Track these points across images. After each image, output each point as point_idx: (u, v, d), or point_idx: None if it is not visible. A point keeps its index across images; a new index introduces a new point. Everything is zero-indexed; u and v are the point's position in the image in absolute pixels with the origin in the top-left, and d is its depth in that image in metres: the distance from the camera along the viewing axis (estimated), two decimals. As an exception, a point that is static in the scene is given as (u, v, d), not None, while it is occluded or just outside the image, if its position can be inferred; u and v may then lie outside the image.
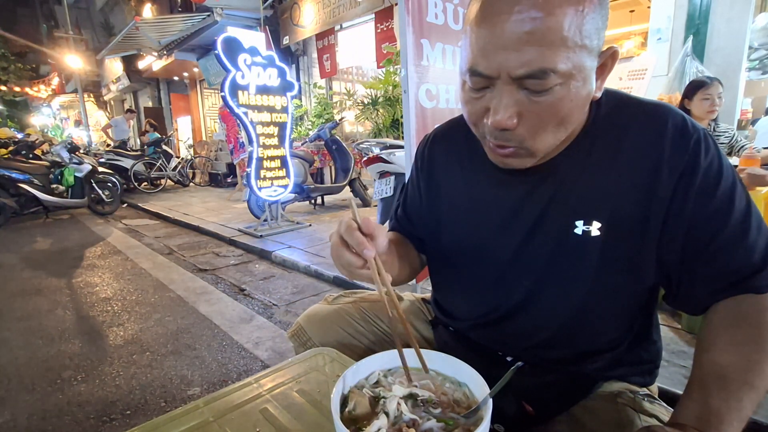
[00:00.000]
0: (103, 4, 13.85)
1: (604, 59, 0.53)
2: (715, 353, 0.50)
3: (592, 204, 0.58)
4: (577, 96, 0.51)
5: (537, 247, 0.62)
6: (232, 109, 3.65)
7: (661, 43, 3.65)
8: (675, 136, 0.54)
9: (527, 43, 0.47)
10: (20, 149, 5.45)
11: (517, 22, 0.47)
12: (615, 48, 0.53)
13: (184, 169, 8.70)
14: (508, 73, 0.49)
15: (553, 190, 0.60)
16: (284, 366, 0.67)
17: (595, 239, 0.57)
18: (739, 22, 3.30)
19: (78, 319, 2.40)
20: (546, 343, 0.63)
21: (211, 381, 1.72)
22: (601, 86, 0.55)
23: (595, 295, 0.59)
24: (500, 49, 0.49)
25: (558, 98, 0.50)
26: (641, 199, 0.55)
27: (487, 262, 0.67)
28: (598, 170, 0.58)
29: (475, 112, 0.56)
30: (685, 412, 0.48)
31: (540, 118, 0.51)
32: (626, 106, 0.59)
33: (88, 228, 5.07)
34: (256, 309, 2.46)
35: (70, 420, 1.50)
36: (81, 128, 13.50)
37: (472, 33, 0.51)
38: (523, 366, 0.47)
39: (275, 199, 4.12)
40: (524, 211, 0.63)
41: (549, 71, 0.48)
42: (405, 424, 0.44)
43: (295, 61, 7.84)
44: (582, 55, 0.49)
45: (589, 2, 0.48)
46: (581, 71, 0.49)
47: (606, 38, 0.52)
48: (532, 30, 0.46)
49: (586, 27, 0.48)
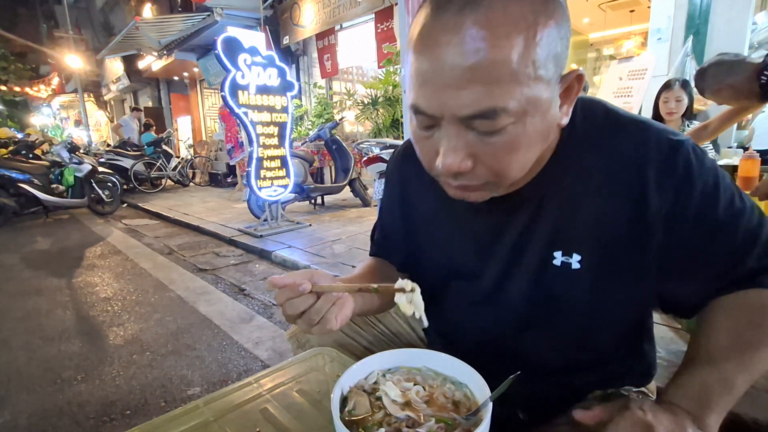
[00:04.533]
0: (103, 4, 13.85)
1: (568, 83, 0.47)
2: (713, 335, 0.50)
3: (570, 235, 0.54)
4: (535, 132, 0.45)
5: (517, 279, 0.58)
6: (232, 109, 3.65)
7: (661, 43, 3.65)
8: (660, 157, 0.49)
9: (471, 81, 0.41)
10: (20, 149, 5.44)
11: (458, 56, 0.41)
12: (580, 72, 0.47)
13: (184, 169, 8.70)
14: (452, 113, 0.44)
15: (527, 219, 0.56)
16: (284, 366, 0.67)
17: (576, 272, 0.54)
18: (739, 22, 3.29)
19: (78, 319, 2.40)
20: (536, 363, 0.62)
21: (211, 381, 1.72)
22: (569, 111, 0.50)
23: (582, 327, 0.57)
24: (441, 87, 0.43)
25: (513, 137, 0.44)
26: (627, 228, 0.51)
27: (468, 292, 0.64)
28: (574, 198, 0.53)
29: (426, 154, 0.50)
30: (674, 391, 0.48)
31: (495, 158, 0.46)
32: (603, 123, 0.53)
33: (88, 228, 5.07)
34: (256, 309, 2.46)
35: (70, 420, 1.50)
36: (81, 128, 13.50)
37: (413, 62, 0.45)
38: (520, 374, 0.46)
39: (275, 199, 4.12)
40: (500, 242, 0.59)
41: (498, 110, 0.42)
42: (405, 424, 0.44)
43: (295, 61, 7.84)
44: (537, 87, 0.43)
45: (542, 27, 0.41)
46: (537, 105, 0.44)
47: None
48: (476, 65, 0.41)
49: (540, 56, 0.42)
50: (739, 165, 1.98)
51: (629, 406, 0.45)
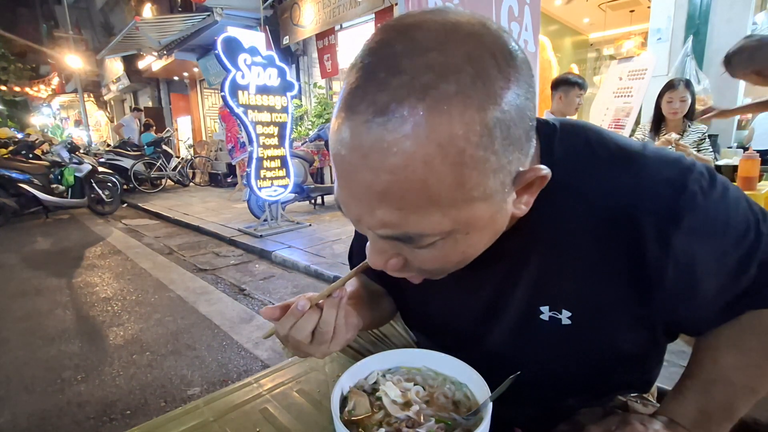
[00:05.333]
0: (103, 4, 13.85)
1: (527, 182, 0.39)
2: (720, 353, 0.48)
3: (557, 290, 0.48)
4: (472, 243, 0.40)
5: (497, 333, 0.53)
6: (232, 109, 3.65)
7: (661, 43, 3.65)
8: (659, 209, 0.41)
9: (383, 203, 0.35)
10: (20, 149, 5.44)
11: (367, 174, 0.34)
12: (543, 172, 0.38)
13: (184, 169, 8.70)
14: (369, 229, 0.39)
15: (507, 271, 0.50)
16: (284, 366, 0.67)
17: (567, 327, 0.48)
18: (739, 22, 3.30)
19: (78, 319, 2.40)
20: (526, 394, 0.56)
21: (211, 381, 1.72)
22: (529, 201, 0.41)
23: (578, 375, 0.53)
24: (355, 199, 0.37)
25: (444, 251, 0.39)
26: (623, 283, 0.45)
27: (451, 338, 0.59)
28: (559, 251, 0.46)
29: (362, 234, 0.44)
30: (674, 408, 0.47)
31: (427, 264, 0.41)
32: (585, 159, 0.45)
33: (88, 228, 5.07)
34: (256, 309, 2.46)
35: (70, 420, 1.50)
36: (81, 128, 13.51)
37: (331, 144, 0.37)
38: (520, 374, 0.45)
39: (275, 199, 4.12)
40: (478, 290, 0.53)
41: (416, 237, 0.37)
42: (405, 424, 0.44)
43: (295, 61, 7.83)
44: (470, 208, 0.36)
45: (475, 143, 0.32)
46: (471, 223, 0.37)
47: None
48: (386, 190, 0.33)
49: (472, 177, 0.33)
50: (739, 165, 1.98)
51: (631, 420, 0.44)
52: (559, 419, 0.61)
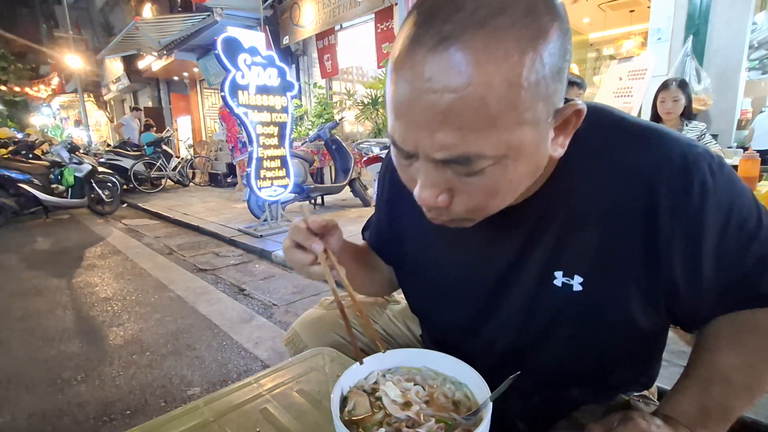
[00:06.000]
0: (103, 4, 13.85)
1: (564, 118, 0.43)
2: (718, 353, 0.49)
3: (572, 255, 0.50)
4: (517, 174, 0.42)
5: (513, 298, 0.55)
6: (232, 109, 3.65)
7: (661, 43, 3.64)
8: (673, 178, 0.45)
9: (444, 124, 0.38)
10: (20, 149, 5.44)
11: (431, 96, 0.37)
12: (579, 106, 0.43)
13: (184, 169, 8.70)
14: (425, 154, 0.41)
15: (526, 237, 0.52)
16: (284, 366, 0.67)
17: (577, 294, 0.50)
18: (739, 22, 3.29)
19: (78, 319, 2.40)
20: (532, 378, 0.58)
21: (211, 381, 1.72)
22: (565, 143, 0.45)
23: (581, 345, 0.54)
24: (414, 127, 0.40)
25: (493, 178, 0.41)
26: (637, 251, 0.47)
27: (460, 312, 0.61)
28: (577, 216, 0.49)
29: (407, 181, 0.47)
30: (674, 406, 0.48)
31: (474, 197, 0.43)
32: (610, 134, 0.49)
33: (88, 228, 5.07)
34: (256, 309, 2.46)
35: (70, 420, 1.50)
36: (81, 128, 13.51)
37: (390, 86, 0.41)
38: (520, 374, 0.45)
39: (275, 199, 4.11)
40: (494, 258, 0.55)
41: (473, 157, 0.39)
42: (405, 424, 0.44)
43: (295, 61, 7.83)
44: (521, 132, 0.39)
45: (528, 67, 0.36)
46: (520, 150, 0.40)
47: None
48: (449, 109, 0.37)
49: (526, 99, 0.37)
50: (739, 165, 1.97)
51: (633, 415, 0.46)
52: (561, 411, 0.61)
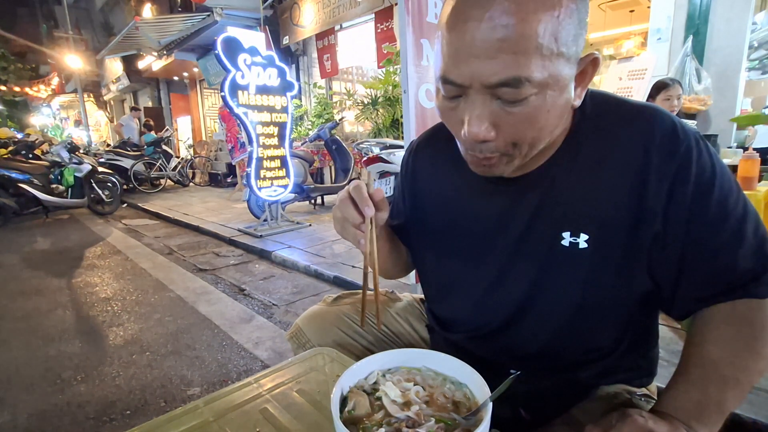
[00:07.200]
0: (103, 4, 13.84)
1: (583, 66, 0.51)
2: (705, 347, 0.52)
3: (579, 215, 0.56)
4: (554, 106, 0.49)
5: (524, 261, 0.60)
6: (232, 109, 3.65)
7: (661, 43, 3.64)
8: (664, 142, 0.52)
9: (500, 51, 0.45)
10: (20, 149, 5.44)
11: (489, 29, 0.45)
12: (595, 55, 0.51)
13: (184, 169, 8.69)
14: (481, 81, 0.47)
15: (539, 201, 0.58)
16: (284, 366, 0.67)
17: (582, 251, 0.56)
18: (739, 22, 3.29)
19: (78, 319, 2.40)
20: (539, 353, 0.63)
21: (211, 381, 1.72)
22: (581, 94, 0.53)
23: (585, 308, 0.58)
24: (471, 57, 0.46)
25: (534, 108, 0.48)
26: (630, 208, 0.53)
27: (474, 276, 0.65)
28: (584, 179, 0.56)
29: (453, 125, 0.54)
30: (669, 402, 0.50)
31: (516, 128, 0.49)
32: (613, 110, 0.56)
33: (88, 228, 5.07)
34: (256, 309, 2.46)
35: (69, 420, 1.50)
36: (81, 128, 13.49)
37: (443, 38, 0.49)
38: (520, 374, 0.47)
39: (275, 199, 4.12)
40: (509, 223, 0.61)
41: (523, 80, 0.45)
42: (405, 424, 0.44)
43: (295, 61, 7.83)
44: (558, 63, 0.46)
45: (565, 8, 0.45)
46: (558, 80, 0.47)
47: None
48: (505, 37, 0.44)
49: (563, 34, 0.45)
50: (739, 165, 1.97)
51: (630, 413, 0.47)
52: (565, 399, 0.63)
